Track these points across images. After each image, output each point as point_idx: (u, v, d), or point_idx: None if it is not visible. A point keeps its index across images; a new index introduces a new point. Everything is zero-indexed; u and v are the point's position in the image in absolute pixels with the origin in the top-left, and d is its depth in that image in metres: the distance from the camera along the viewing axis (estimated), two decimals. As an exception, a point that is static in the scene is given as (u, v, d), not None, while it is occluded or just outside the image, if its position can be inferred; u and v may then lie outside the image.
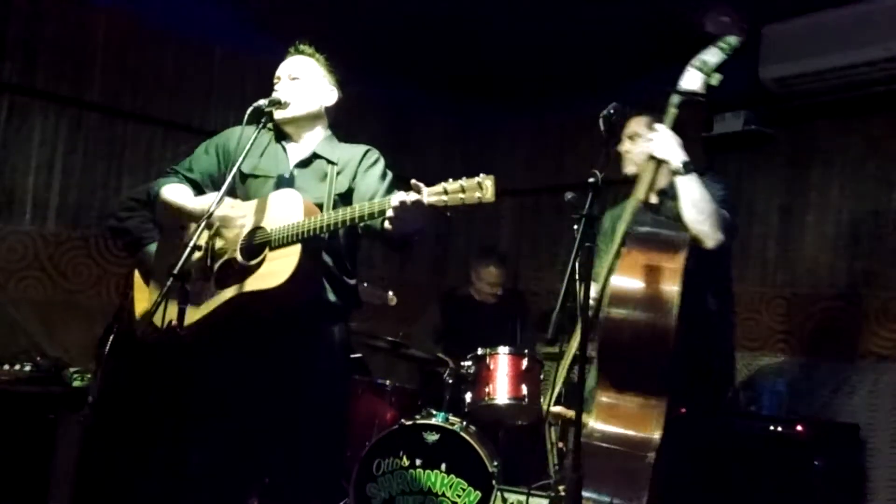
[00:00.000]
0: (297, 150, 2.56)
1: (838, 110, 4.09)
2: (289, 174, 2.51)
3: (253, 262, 2.34)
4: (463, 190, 2.10)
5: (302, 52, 2.62)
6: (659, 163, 2.58)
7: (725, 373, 2.86)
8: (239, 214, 2.40)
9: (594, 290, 2.65)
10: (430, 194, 2.13)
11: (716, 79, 2.53)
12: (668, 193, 2.71)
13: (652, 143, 2.59)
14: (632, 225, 2.54)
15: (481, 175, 2.11)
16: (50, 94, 4.18)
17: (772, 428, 3.60)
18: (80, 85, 4.27)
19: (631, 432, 2.25)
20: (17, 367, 3.71)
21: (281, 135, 2.58)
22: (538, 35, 4.46)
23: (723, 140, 4.33)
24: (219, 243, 2.44)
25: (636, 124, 2.85)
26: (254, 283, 2.32)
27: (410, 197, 2.14)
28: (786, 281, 4.29)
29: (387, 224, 2.23)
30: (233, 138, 2.58)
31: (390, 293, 4.02)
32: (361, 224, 2.35)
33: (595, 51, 4.54)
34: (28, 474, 3.45)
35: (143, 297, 3.16)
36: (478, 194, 2.09)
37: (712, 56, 2.54)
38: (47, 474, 3.48)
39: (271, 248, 2.32)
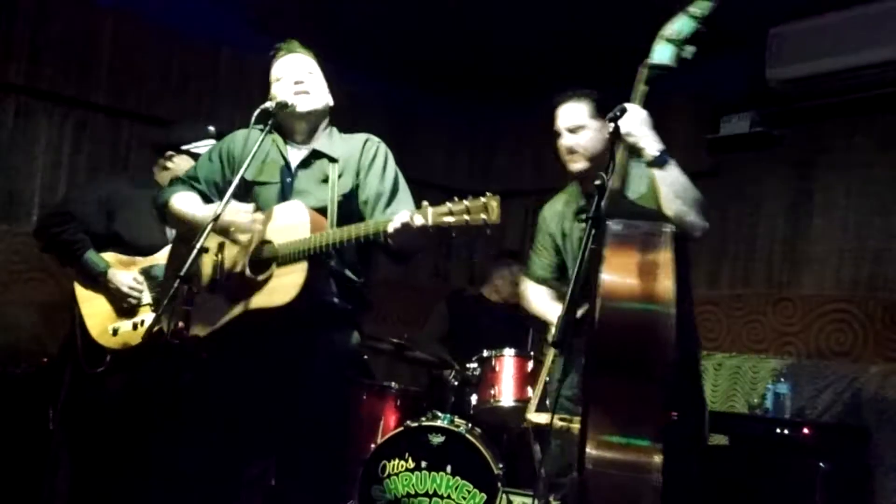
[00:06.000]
0: (298, 152, 2.54)
1: (845, 111, 4.08)
2: (290, 178, 2.49)
3: (261, 278, 2.34)
4: (468, 211, 2.07)
5: (297, 51, 2.56)
6: (630, 147, 2.30)
7: (698, 369, 2.74)
8: (247, 220, 2.35)
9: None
10: (434, 215, 2.11)
11: (689, 51, 2.28)
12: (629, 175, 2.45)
13: (623, 124, 2.25)
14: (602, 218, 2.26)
15: (487, 195, 2.07)
16: (56, 96, 4.19)
17: (778, 430, 3.59)
18: (86, 86, 4.27)
19: (631, 456, 2.05)
20: (21, 368, 3.71)
21: (283, 136, 2.55)
22: (545, 34, 4.46)
23: (729, 141, 4.32)
24: (228, 256, 2.44)
25: (577, 113, 2.57)
26: (261, 300, 2.32)
27: (414, 221, 2.12)
28: (792, 283, 4.27)
29: (390, 240, 2.22)
30: (237, 142, 2.57)
31: None
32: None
33: (602, 50, 4.52)
34: (30, 475, 3.45)
35: (92, 306, 3.17)
36: (483, 216, 2.05)
37: (683, 25, 2.28)
38: (52, 475, 3.48)
39: (278, 265, 2.32)
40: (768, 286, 4.34)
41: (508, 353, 3.76)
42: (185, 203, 2.50)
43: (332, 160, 2.50)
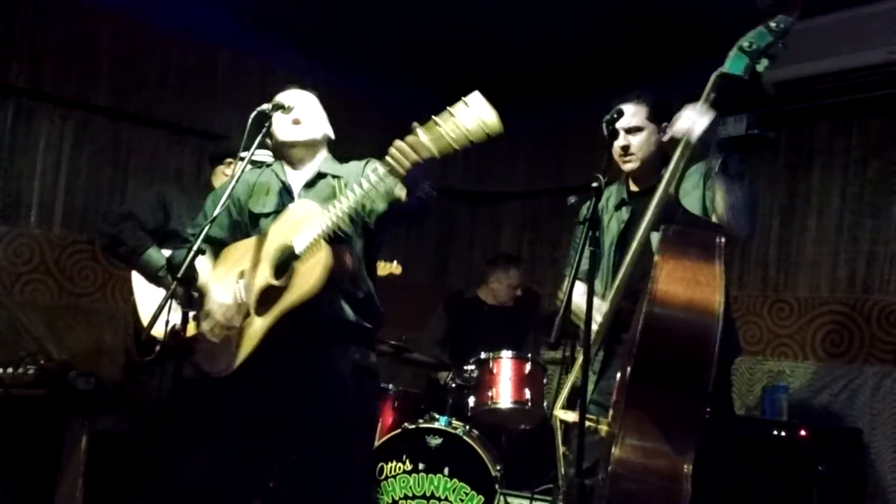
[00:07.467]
0: (300, 176, 2.58)
1: (839, 113, 4.09)
2: (293, 200, 2.52)
3: (284, 280, 2.36)
4: (452, 114, 2.12)
5: (298, 88, 2.63)
6: (694, 149, 2.27)
7: (728, 378, 2.82)
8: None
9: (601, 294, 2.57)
10: (429, 139, 2.16)
11: (763, 64, 2.25)
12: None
13: (690, 124, 2.25)
14: (654, 223, 2.29)
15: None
16: (56, 97, 4.19)
17: (774, 432, 3.60)
18: (86, 88, 4.28)
19: (663, 463, 2.05)
20: (22, 370, 3.72)
21: (282, 163, 2.59)
22: (540, 38, 4.47)
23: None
24: (250, 278, 2.45)
25: (637, 115, 2.57)
26: (291, 297, 2.33)
27: (408, 140, 2.15)
28: (787, 285, 4.29)
29: (398, 191, 2.22)
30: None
31: (395, 262, 4.02)
32: (381, 206, 2.38)
33: (598, 53, 4.54)
34: (34, 477, 3.46)
35: (146, 297, 3.24)
36: (470, 115, 2.11)
37: (760, 38, 2.24)
38: (53, 477, 3.49)
39: (297, 259, 2.33)
40: (763, 288, 4.36)
41: (506, 355, 3.78)
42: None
43: (336, 177, 2.53)
